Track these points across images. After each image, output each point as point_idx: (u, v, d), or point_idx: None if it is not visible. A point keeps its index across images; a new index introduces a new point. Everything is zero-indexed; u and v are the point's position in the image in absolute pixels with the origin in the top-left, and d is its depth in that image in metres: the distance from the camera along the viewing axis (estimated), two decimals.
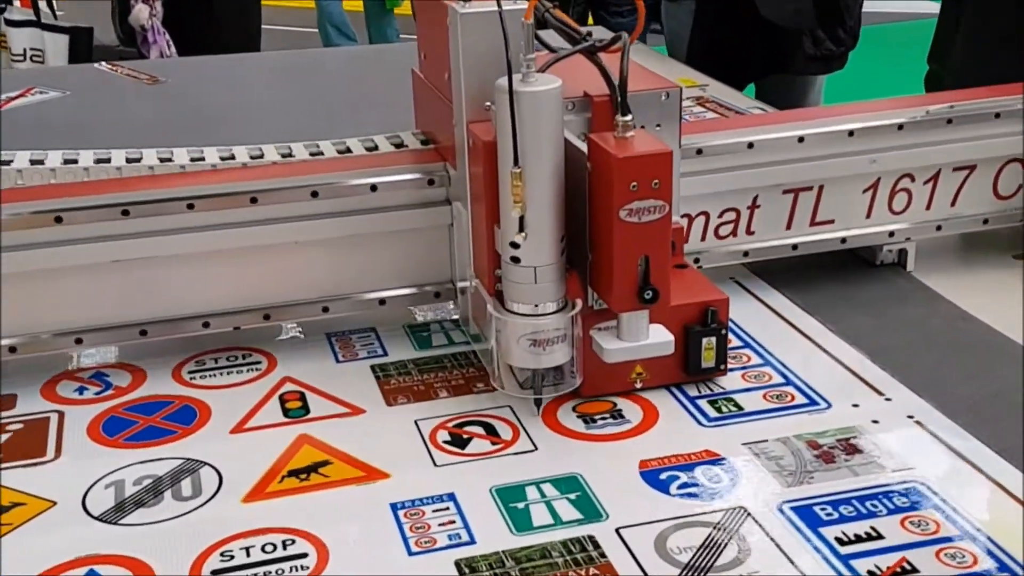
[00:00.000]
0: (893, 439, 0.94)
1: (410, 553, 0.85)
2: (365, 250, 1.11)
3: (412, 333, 1.16)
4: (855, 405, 1.01)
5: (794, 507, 0.87)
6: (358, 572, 0.81)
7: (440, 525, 0.87)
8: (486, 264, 1.00)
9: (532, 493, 0.90)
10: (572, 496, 0.90)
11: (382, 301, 1.13)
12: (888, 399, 1.02)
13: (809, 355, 1.09)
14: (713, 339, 1.01)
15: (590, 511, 0.88)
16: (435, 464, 0.95)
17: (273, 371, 1.10)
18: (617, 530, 0.86)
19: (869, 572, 0.83)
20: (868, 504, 0.87)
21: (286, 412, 1.03)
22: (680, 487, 0.91)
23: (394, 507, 0.89)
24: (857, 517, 0.86)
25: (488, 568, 0.88)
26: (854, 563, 0.81)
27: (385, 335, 1.15)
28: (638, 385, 1.02)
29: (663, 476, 0.92)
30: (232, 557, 0.83)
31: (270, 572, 0.81)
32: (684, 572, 0.80)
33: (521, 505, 0.89)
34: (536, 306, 0.96)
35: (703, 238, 1.15)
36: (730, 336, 1.04)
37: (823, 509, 0.87)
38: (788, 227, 1.17)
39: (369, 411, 1.03)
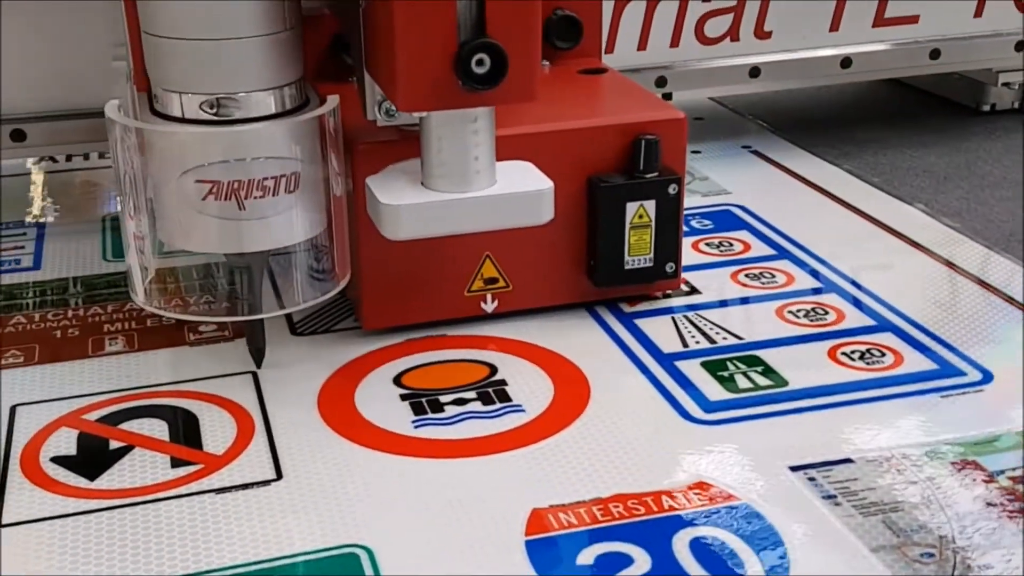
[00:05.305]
0: None
1: None
2: None
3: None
4: None
5: None
6: None
7: None
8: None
9: None
10: None
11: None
12: None
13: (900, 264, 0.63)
14: (650, 204, 0.55)
15: None
16: None
17: None
18: None
19: None
20: None
21: None
22: None
23: None
24: None
25: None
26: None
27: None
28: (489, 307, 0.55)
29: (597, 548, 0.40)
30: None
31: None
32: None
33: None
34: (193, 102, 0.44)
35: (673, 42, 0.77)
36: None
37: None
38: (834, 27, 0.79)
39: None
